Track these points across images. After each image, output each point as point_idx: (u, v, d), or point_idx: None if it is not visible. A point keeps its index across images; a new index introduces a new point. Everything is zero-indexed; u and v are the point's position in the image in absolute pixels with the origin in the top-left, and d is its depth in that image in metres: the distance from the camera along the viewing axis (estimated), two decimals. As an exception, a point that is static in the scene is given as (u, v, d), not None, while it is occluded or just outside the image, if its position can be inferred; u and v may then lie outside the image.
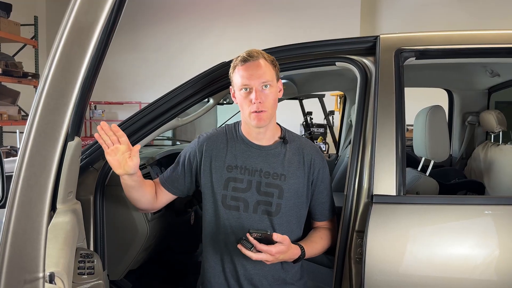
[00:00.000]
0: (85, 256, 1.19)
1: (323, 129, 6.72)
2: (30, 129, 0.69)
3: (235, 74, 1.45)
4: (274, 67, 1.46)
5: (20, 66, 5.96)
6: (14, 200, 0.68)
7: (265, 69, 1.42)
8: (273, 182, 1.47)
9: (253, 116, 1.42)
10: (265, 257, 1.32)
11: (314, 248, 1.50)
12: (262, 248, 1.31)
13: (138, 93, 8.87)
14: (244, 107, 1.44)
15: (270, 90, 1.43)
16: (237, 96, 1.46)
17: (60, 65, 0.70)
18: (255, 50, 1.45)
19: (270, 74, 1.43)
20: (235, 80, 1.45)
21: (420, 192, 1.89)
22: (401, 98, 1.47)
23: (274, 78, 1.45)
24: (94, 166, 1.64)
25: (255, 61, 1.42)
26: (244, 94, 1.43)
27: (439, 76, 2.70)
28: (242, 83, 1.42)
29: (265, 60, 1.44)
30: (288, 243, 1.37)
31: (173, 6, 8.72)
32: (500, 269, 1.32)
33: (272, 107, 1.45)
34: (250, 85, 1.41)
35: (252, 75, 1.40)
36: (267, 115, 1.43)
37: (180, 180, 1.56)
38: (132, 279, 1.95)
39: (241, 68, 1.42)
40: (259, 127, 1.46)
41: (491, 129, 2.60)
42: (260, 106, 1.40)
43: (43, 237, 0.70)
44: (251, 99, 1.41)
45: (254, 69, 1.41)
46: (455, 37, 1.56)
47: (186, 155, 1.56)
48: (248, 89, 1.42)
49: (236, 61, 1.45)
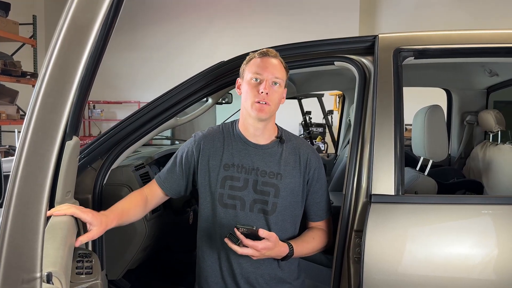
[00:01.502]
0: (83, 256, 1.18)
1: (322, 128, 6.74)
2: (27, 128, 0.69)
3: (250, 65, 1.48)
4: (286, 73, 1.51)
5: (18, 65, 5.96)
6: (11, 199, 0.68)
7: (279, 68, 1.47)
8: (269, 181, 1.48)
9: (256, 106, 1.43)
10: (251, 252, 1.34)
11: (304, 248, 1.50)
12: (248, 243, 1.32)
13: (137, 92, 8.87)
14: (248, 97, 1.45)
15: (278, 88, 1.46)
16: (244, 86, 1.48)
17: (57, 64, 0.69)
18: (274, 50, 1.50)
19: (282, 74, 1.48)
20: (248, 70, 1.47)
21: (418, 192, 1.89)
22: (400, 97, 1.47)
23: (284, 81, 1.49)
24: (92, 166, 1.64)
25: (272, 58, 1.47)
26: (254, 83, 1.45)
27: (437, 75, 2.70)
28: (255, 71, 1.45)
29: (281, 63, 1.49)
30: (275, 240, 1.38)
31: (172, 5, 8.72)
32: (498, 268, 1.32)
33: (276, 104, 1.47)
34: (262, 76, 1.44)
35: (267, 68, 1.44)
36: (270, 109, 1.44)
37: (179, 181, 1.55)
38: (130, 279, 1.95)
39: (258, 59, 1.47)
40: (258, 119, 1.46)
41: (490, 129, 2.60)
42: (266, 97, 1.42)
43: (40, 236, 0.69)
44: (259, 89, 1.43)
45: (270, 64, 1.45)
46: (453, 37, 1.56)
47: (183, 154, 1.56)
48: (259, 80, 1.44)
49: (253, 54, 1.50)
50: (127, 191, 1.79)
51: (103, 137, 1.64)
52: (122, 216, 1.44)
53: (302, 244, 1.50)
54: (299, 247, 1.48)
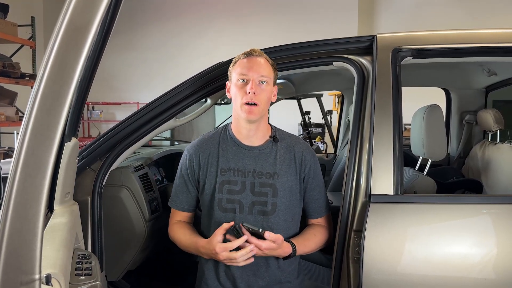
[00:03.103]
0: (82, 257, 1.18)
1: (321, 128, 6.73)
2: (25, 130, 0.69)
3: (236, 66, 1.48)
4: (274, 71, 1.50)
5: (17, 66, 5.95)
6: (9, 201, 0.68)
7: (265, 67, 1.46)
8: (266, 181, 1.48)
9: (245, 108, 1.43)
10: (254, 250, 1.36)
11: (306, 246, 1.51)
12: (253, 241, 1.34)
13: (136, 93, 8.87)
14: (237, 99, 1.45)
15: (266, 86, 1.45)
16: (232, 88, 1.48)
17: (55, 66, 0.69)
18: (259, 50, 1.50)
19: (269, 72, 1.47)
20: (234, 71, 1.47)
21: (417, 191, 1.89)
22: (398, 97, 1.47)
23: (272, 78, 1.48)
24: (91, 167, 1.64)
25: (257, 57, 1.47)
26: (240, 84, 1.45)
27: (436, 75, 2.71)
28: (240, 73, 1.45)
29: (267, 61, 1.48)
30: (280, 243, 1.39)
31: (171, 6, 8.71)
32: (498, 267, 1.32)
33: (265, 103, 1.46)
34: (248, 76, 1.43)
35: (252, 67, 1.44)
36: (259, 109, 1.44)
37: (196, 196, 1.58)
38: (130, 280, 1.94)
39: (243, 60, 1.47)
40: (249, 121, 1.46)
41: (489, 128, 2.60)
42: (254, 97, 1.42)
43: (39, 238, 0.69)
44: (246, 90, 1.43)
45: (255, 63, 1.45)
46: (451, 36, 1.56)
47: (187, 173, 1.55)
48: (245, 81, 1.44)
49: (239, 56, 1.50)
50: (126, 192, 1.79)
51: (102, 138, 1.64)
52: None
53: (304, 243, 1.50)
54: (301, 246, 1.49)
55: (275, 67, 1.51)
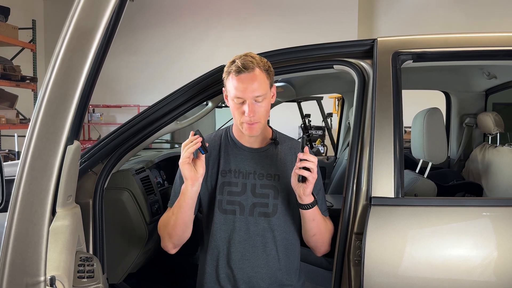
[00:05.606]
0: (84, 260, 1.18)
1: (322, 131, 6.74)
2: (31, 134, 0.69)
3: (229, 81, 1.40)
4: (269, 75, 1.42)
5: (18, 69, 5.96)
6: (15, 204, 0.69)
7: (260, 81, 1.37)
8: (267, 183, 1.49)
9: (245, 127, 1.42)
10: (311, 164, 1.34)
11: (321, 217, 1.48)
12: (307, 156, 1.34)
13: (137, 96, 8.87)
14: (236, 116, 1.43)
15: (263, 102, 1.41)
16: (230, 102, 1.44)
17: (61, 71, 0.70)
18: (250, 57, 1.39)
19: (264, 86, 1.39)
20: (228, 88, 1.42)
21: (418, 194, 1.89)
22: (399, 100, 1.47)
23: (268, 89, 1.42)
24: (93, 170, 1.64)
25: (250, 72, 1.36)
26: (236, 105, 1.40)
27: (436, 78, 2.72)
28: (235, 95, 1.38)
29: (260, 70, 1.38)
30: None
31: (171, 9, 8.73)
32: (498, 270, 1.33)
33: (265, 117, 1.45)
34: (243, 98, 1.38)
35: (246, 89, 1.36)
36: (260, 125, 1.43)
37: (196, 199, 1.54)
38: (131, 282, 1.95)
39: (235, 78, 1.37)
40: (250, 137, 1.48)
41: (489, 131, 2.61)
42: (252, 119, 1.39)
43: (44, 240, 0.70)
44: (243, 110, 1.39)
45: (249, 82, 1.36)
46: (452, 40, 1.57)
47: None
48: (242, 101, 1.39)
49: (231, 67, 1.39)
50: (127, 195, 1.80)
51: (104, 141, 1.65)
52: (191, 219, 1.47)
53: (320, 213, 1.48)
54: (317, 211, 1.45)
55: (271, 70, 1.43)
